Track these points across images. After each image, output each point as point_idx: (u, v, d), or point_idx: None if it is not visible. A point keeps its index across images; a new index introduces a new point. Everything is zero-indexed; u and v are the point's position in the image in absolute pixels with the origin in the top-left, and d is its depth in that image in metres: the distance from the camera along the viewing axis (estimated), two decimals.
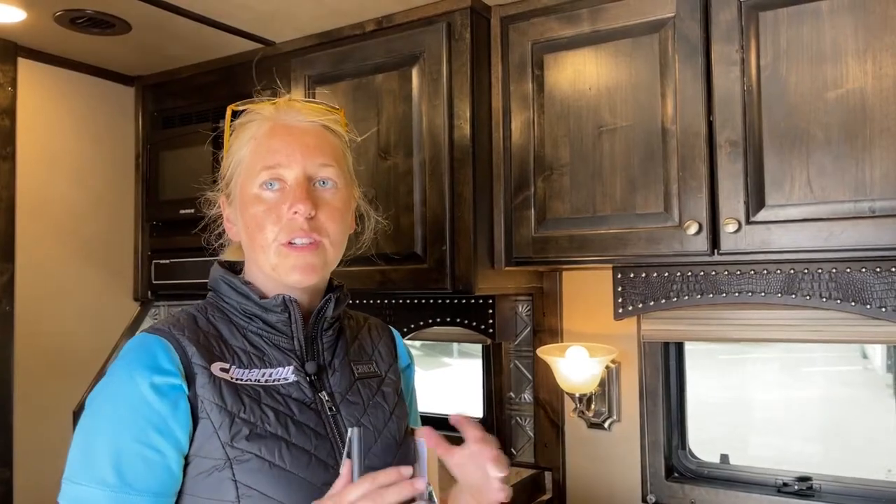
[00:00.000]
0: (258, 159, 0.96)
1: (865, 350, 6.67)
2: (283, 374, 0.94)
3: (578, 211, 1.62)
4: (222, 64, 2.16)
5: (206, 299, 1.02)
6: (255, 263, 0.99)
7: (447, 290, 1.67)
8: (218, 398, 0.88)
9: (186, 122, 2.24)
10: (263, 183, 0.95)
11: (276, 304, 0.96)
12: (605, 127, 1.59)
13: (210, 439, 0.86)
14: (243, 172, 0.98)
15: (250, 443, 0.87)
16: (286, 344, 0.97)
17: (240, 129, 1.01)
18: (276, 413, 0.91)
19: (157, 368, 0.87)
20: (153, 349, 0.89)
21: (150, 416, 0.85)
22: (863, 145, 1.34)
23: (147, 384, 0.86)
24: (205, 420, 0.87)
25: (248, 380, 0.92)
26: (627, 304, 1.77)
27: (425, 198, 1.70)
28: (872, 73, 1.33)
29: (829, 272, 1.54)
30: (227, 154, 1.02)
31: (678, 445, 1.87)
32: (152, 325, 0.95)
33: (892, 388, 6.59)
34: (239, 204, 0.99)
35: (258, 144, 0.97)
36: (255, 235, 0.95)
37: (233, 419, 0.88)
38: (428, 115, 1.71)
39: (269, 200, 0.95)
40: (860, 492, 1.64)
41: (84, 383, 2.21)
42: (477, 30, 1.71)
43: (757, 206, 1.43)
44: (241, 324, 0.97)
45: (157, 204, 2.29)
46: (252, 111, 1.01)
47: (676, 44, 1.51)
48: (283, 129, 0.98)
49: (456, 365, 7.52)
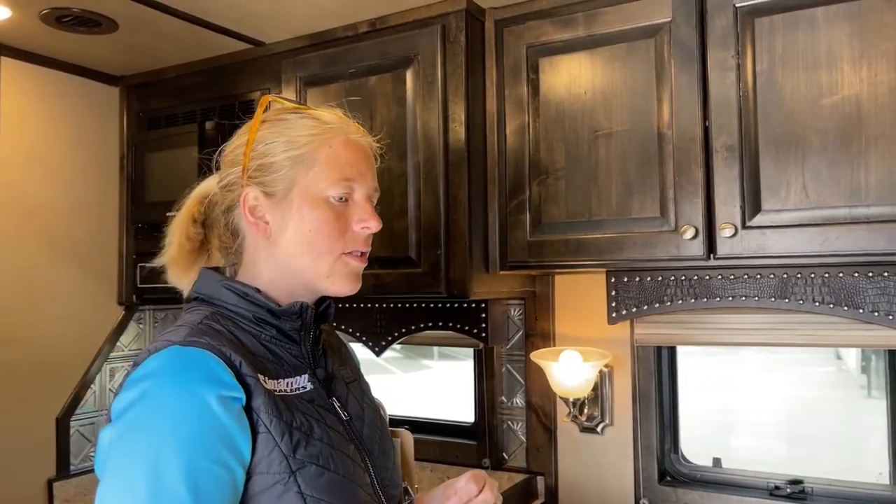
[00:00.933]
0: (335, 167, 0.96)
1: (839, 352, 6.77)
2: (301, 383, 0.93)
3: (574, 215, 1.61)
4: (210, 64, 2.13)
5: (199, 308, 0.94)
6: (286, 268, 0.96)
7: (442, 295, 1.66)
8: (274, 410, 0.85)
9: (173, 124, 2.21)
10: (338, 192, 0.95)
11: (293, 311, 0.95)
12: (601, 131, 1.59)
13: (272, 453, 0.83)
14: (312, 174, 0.95)
15: (309, 453, 0.86)
16: (296, 352, 0.96)
17: (290, 124, 0.97)
18: (315, 421, 0.90)
19: (219, 381, 0.82)
20: (206, 361, 0.83)
21: (220, 432, 0.80)
22: (858, 151, 1.35)
23: (214, 397, 0.80)
24: (264, 434, 0.84)
25: (281, 390, 0.90)
26: (621, 308, 1.77)
27: (419, 201, 1.69)
28: (868, 80, 1.34)
29: (821, 277, 1.55)
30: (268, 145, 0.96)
31: (670, 449, 1.87)
32: (174, 338, 0.85)
33: (866, 388, 6.70)
34: (298, 202, 0.95)
35: (335, 153, 0.96)
36: (315, 239, 0.94)
37: (290, 431, 0.85)
38: (422, 117, 1.70)
39: (337, 210, 0.96)
40: (852, 495, 1.66)
41: (68, 388, 2.16)
42: (472, 32, 1.70)
43: (753, 211, 1.43)
44: (253, 332, 0.94)
45: (142, 206, 2.25)
46: (305, 112, 0.99)
47: (672, 49, 1.52)
48: (357, 146, 0.99)
49: (436, 367, 7.51)
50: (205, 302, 0.96)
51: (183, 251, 1.04)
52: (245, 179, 0.96)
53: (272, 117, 0.99)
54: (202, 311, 0.93)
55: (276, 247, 0.96)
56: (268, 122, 0.98)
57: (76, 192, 2.20)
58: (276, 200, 0.95)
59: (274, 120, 0.98)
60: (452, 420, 2.18)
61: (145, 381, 0.81)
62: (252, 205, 0.96)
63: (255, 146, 0.97)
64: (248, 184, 0.96)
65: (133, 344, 2.36)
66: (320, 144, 0.96)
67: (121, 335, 2.32)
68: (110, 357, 2.29)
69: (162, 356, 0.83)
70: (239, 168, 0.98)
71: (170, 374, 0.81)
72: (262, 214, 0.96)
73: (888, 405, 1.67)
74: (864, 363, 6.97)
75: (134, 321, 2.37)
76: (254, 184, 0.96)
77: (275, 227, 0.96)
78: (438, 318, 2.02)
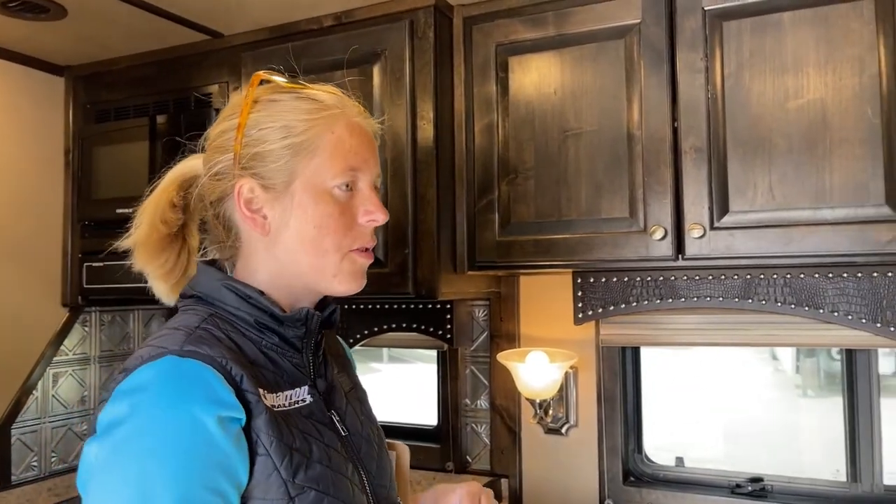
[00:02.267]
0: (339, 156, 0.88)
1: (775, 352, 7.00)
2: (300, 395, 0.86)
3: (543, 215, 1.60)
4: (165, 55, 2.05)
5: (195, 308, 0.87)
6: (288, 268, 0.89)
7: (409, 295, 1.62)
8: (274, 430, 0.78)
9: (123, 117, 2.11)
10: (342, 183, 0.88)
11: (298, 317, 0.88)
12: (571, 131, 1.58)
13: (270, 478, 0.76)
14: (315, 164, 0.87)
15: (309, 477, 0.79)
16: (297, 360, 0.89)
17: (282, 107, 0.88)
18: (314, 440, 0.83)
19: (218, 400, 0.74)
20: (204, 376, 0.75)
21: (217, 458, 0.73)
22: (823, 154, 1.37)
23: (213, 420, 0.72)
24: (263, 457, 0.77)
25: (280, 405, 0.82)
26: (587, 308, 1.77)
27: (387, 200, 1.65)
28: (832, 85, 1.37)
29: (784, 277, 1.58)
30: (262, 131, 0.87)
31: (634, 449, 1.88)
32: (169, 345, 0.78)
33: (801, 388, 6.95)
34: (300, 195, 0.87)
35: (338, 139, 0.88)
36: (320, 236, 0.87)
37: (291, 453, 0.78)
38: (390, 114, 1.66)
39: (342, 202, 0.89)
40: (810, 492, 1.69)
41: (8, 395, 2.04)
42: (440, 29, 1.68)
43: (721, 212, 1.45)
44: (253, 338, 0.86)
45: (89, 203, 2.14)
46: (301, 91, 0.90)
47: (642, 50, 1.52)
48: (360, 131, 0.92)
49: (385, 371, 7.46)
50: (202, 301, 0.88)
51: (155, 235, 0.93)
52: (238, 169, 0.88)
53: (264, 97, 0.89)
54: (199, 312, 0.86)
55: (277, 244, 0.88)
56: (260, 102, 0.89)
57: (17, 188, 2.08)
58: (276, 193, 0.87)
59: (266, 101, 0.89)
60: (415, 423, 2.15)
61: (137, 395, 0.73)
62: (248, 198, 0.87)
63: (248, 131, 0.87)
64: (241, 174, 0.87)
65: (78, 348, 2.24)
66: (322, 130, 0.88)
67: (65, 338, 2.20)
68: (54, 361, 2.17)
69: (156, 367, 0.75)
70: (230, 156, 0.88)
71: (165, 390, 0.73)
72: (260, 208, 0.88)
73: (844, 404, 1.72)
74: (799, 364, 7.23)
75: (79, 324, 2.25)
76: (248, 175, 0.87)
77: (274, 224, 0.88)
78: (402, 319, 1.99)
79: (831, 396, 5.95)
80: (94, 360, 2.30)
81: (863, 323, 1.52)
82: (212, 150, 0.92)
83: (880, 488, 1.64)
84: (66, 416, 2.21)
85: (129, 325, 2.43)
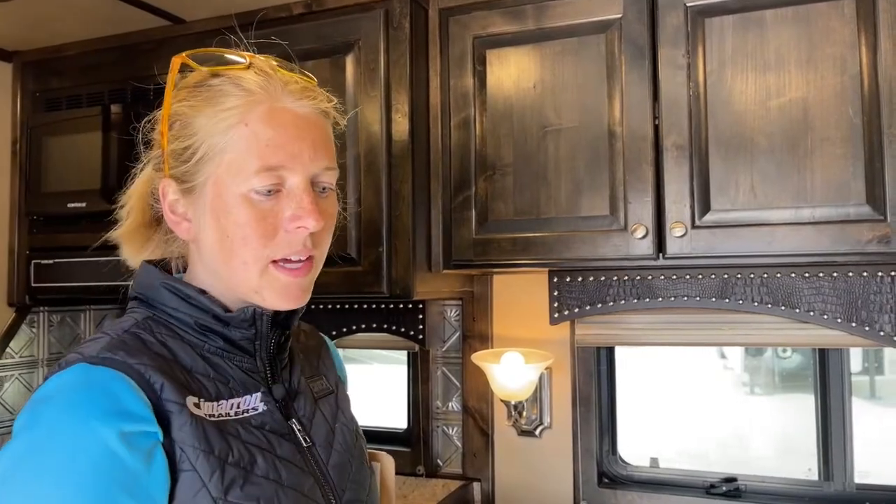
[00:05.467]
0: (253, 154, 0.75)
1: (723, 351, 7.16)
2: (251, 403, 0.78)
3: (522, 213, 1.56)
4: (120, 42, 1.94)
5: (136, 311, 0.81)
6: (217, 275, 0.80)
7: (384, 295, 1.57)
8: (202, 442, 0.70)
9: (75, 105, 1.99)
10: (260, 186, 0.75)
11: (244, 318, 0.79)
12: (550, 127, 1.55)
13: (197, 496, 0.69)
14: (225, 163, 0.76)
15: (246, 494, 0.71)
16: (249, 365, 0.81)
17: (206, 94, 0.78)
18: (261, 452, 0.75)
19: (123, 413, 0.67)
20: (111, 387, 0.68)
21: (120, 478, 0.65)
22: (804, 153, 1.37)
23: (114, 435, 0.65)
24: (188, 472, 0.69)
25: (220, 414, 0.75)
26: (563, 308, 1.74)
27: (360, 196, 1.59)
28: (814, 83, 1.36)
29: (760, 277, 1.58)
30: (183, 124, 0.78)
31: (609, 451, 1.86)
32: (86, 351, 0.72)
33: (749, 386, 7.12)
34: (213, 200, 0.77)
35: (252, 133, 0.75)
36: (235, 247, 0.76)
37: (223, 467, 0.71)
38: (363, 107, 1.60)
39: (262, 207, 0.76)
40: (783, 491, 1.69)
41: None
42: (416, 20, 1.62)
43: (702, 211, 1.43)
44: (194, 342, 0.79)
45: (38, 196, 2.01)
46: (224, 74, 0.78)
47: (623, 45, 1.50)
48: (285, 117, 0.77)
49: None
50: (143, 303, 0.81)
51: (137, 225, 0.87)
52: (165, 168, 0.80)
53: (190, 84, 0.80)
54: (136, 315, 0.79)
55: (201, 251, 0.81)
56: (185, 90, 0.79)
57: None
58: (194, 197, 0.78)
59: (191, 88, 0.79)
60: (384, 427, 2.09)
61: (41, 405, 0.67)
62: (171, 199, 0.80)
63: (172, 124, 0.79)
64: (166, 174, 0.80)
65: (25, 350, 2.12)
66: (235, 122, 0.75)
67: (10, 340, 2.07)
68: None
69: (65, 376, 0.69)
70: (159, 152, 0.81)
71: (66, 402, 0.67)
72: (184, 212, 0.80)
73: (817, 403, 1.72)
74: (747, 362, 7.41)
75: (26, 324, 2.12)
76: (171, 175, 0.79)
77: (195, 228, 0.80)
78: (372, 319, 1.93)
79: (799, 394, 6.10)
80: (42, 363, 2.18)
81: (838, 322, 1.52)
82: (152, 144, 0.84)
83: (852, 487, 1.65)
84: (11, 421, 2.08)
85: (80, 325, 2.31)
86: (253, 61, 0.80)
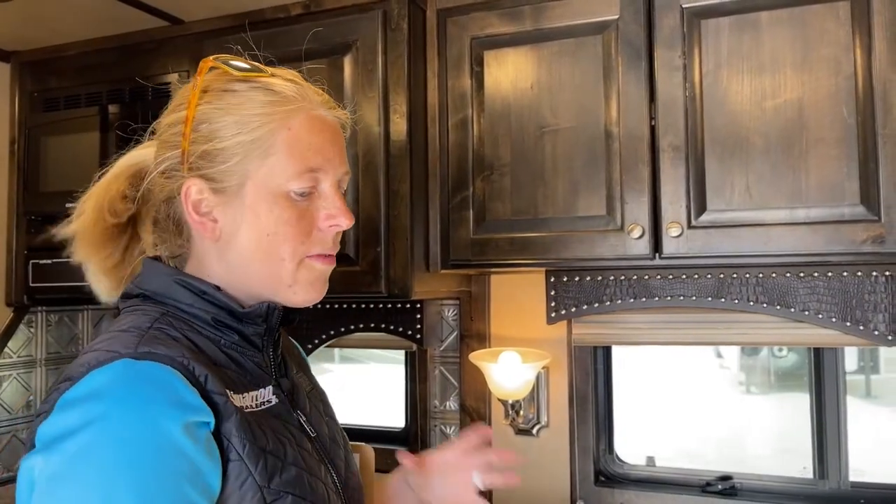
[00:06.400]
0: (297, 155, 0.80)
1: (719, 350, 7.19)
2: (266, 396, 0.81)
3: (519, 213, 1.57)
4: (119, 42, 1.94)
5: (144, 308, 0.80)
6: (245, 272, 0.82)
7: (382, 295, 1.57)
8: (246, 433, 0.73)
9: (74, 105, 2.00)
10: (301, 186, 0.81)
11: (258, 313, 0.82)
12: (548, 128, 1.56)
13: (245, 484, 0.71)
14: (269, 164, 0.80)
15: (284, 481, 0.74)
16: (258, 359, 0.84)
17: (236, 99, 0.80)
18: (287, 441, 0.78)
19: (182, 404, 0.68)
20: (166, 379, 0.69)
21: (186, 469, 0.67)
22: (799, 154, 1.38)
23: (179, 428, 0.67)
24: (236, 462, 0.72)
25: (247, 406, 0.77)
26: (560, 308, 1.75)
27: (358, 196, 1.60)
28: (809, 85, 1.37)
29: (756, 277, 1.59)
30: (214, 127, 0.80)
31: (606, 450, 1.87)
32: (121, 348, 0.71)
33: (745, 385, 7.15)
34: (253, 199, 0.80)
35: (295, 136, 0.80)
36: (276, 244, 0.80)
37: (265, 456, 0.74)
38: (361, 107, 1.61)
39: (300, 207, 0.82)
40: (778, 489, 1.71)
41: None
42: (414, 21, 1.63)
43: (698, 211, 1.44)
44: (212, 337, 0.80)
45: (36, 196, 2.03)
46: (253, 80, 0.81)
47: (620, 46, 1.50)
48: (323, 125, 0.83)
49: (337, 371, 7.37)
50: (150, 300, 0.82)
51: (101, 225, 0.86)
52: (186, 169, 0.81)
53: (216, 87, 0.82)
54: (149, 311, 0.79)
55: (228, 251, 0.82)
56: (210, 92, 0.81)
57: None
58: (227, 197, 0.80)
59: (218, 91, 0.81)
60: (382, 426, 2.10)
61: (89, 403, 0.66)
62: (196, 200, 0.81)
63: (197, 126, 0.80)
64: (190, 174, 0.81)
65: (23, 350, 2.12)
66: (278, 126, 0.80)
67: (8, 340, 2.08)
68: None
69: (110, 371, 0.68)
70: (178, 153, 0.82)
71: (123, 397, 0.67)
72: (209, 212, 0.81)
73: (812, 402, 1.74)
74: (743, 361, 7.43)
75: (24, 324, 2.13)
76: (197, 175, 0.80)
77: (225, 229, 0.81)
78: (370, 319, 1.93)
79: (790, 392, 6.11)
80: (40, 363, 2.18)
81: (833, 322, 1.54)
82: (160, 144, 0.85)
83: (847, 485, 1.66)
84: (10, 421, 2.09)
85: (78, 325, 2.31)
86: (275, 70, 0.85)
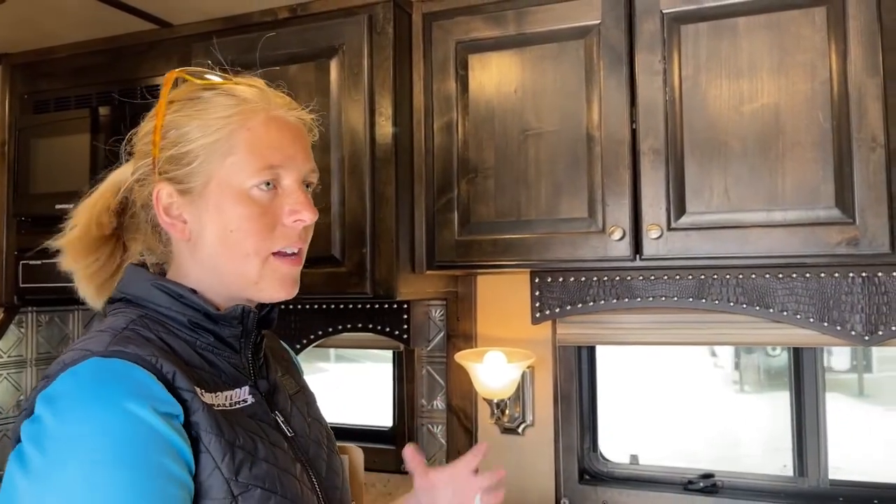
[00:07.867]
0: (256, 153, 0.84)
1: (714, 349, 7.23)
2: (241, 396, 0.84)
3: (503, 215, 1.59)
4: (108, 45, 1.96)
5: (124, 311, 0.84)
6: (215, 271, 0.86)
7: (367, 295, 1.59)
8: (214, 427, 0.76)
9: (64, 108, 2.02)
10: (261, 182, 0.84)
11: (233, 315, 0.85)
12: (531, 131, 1.58)
13: (212, 476, 0.74)
14: (228, 163, 0.83)
15: (253, 474, 0.77)
16: (235, 361, 0.87)
17: (201, 105, 0.85)
18: (259, 439, 0.81)
19: (152, 396, 0.71)
20: (132, 374, 0.72)
21: (162, 445, 0.70)
22: (776, 157, 1.40)
23: (148, 411, 0.70)
24: (205, 454, 0.75)
25: (219, 404, 0.80)
26: (545, 308, 1.78)
27: (344, 198, 1.62)
28: (785, 89, 1.40)
29: (736, 278, 1.61)
30: (180, 133, 0.85)
31: (590, 448, 1.89)
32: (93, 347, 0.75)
33: (739, 384, 7.19)
34: (216, 198, 0.84)
35: (254, 136, 0.84)
36: (239, 240, 0.83)
37: (233, 450, 0.76)
38: (347, 110, 1.63)
39: (262, 203, 0.84)
40: (759, 487, 1.73)
41: None
42: (399, 24, 1.65)
43: (678, 213, 1.46)
44: (187, 338, 0.84)
45: (26, 197, 2.04)
46: (217, 87, 0.87)
47: (602, 51, 1.53)
48: (282, 125, 0.87)
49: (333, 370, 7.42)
50: (131, 304, 0.85)
51: (88, 237, 0.90)
52: (156, 174, 0.86)
53: (182, 96, 0.87)
54: (127, 314, 0.83)
55: (198, 249, 0.86)
56: (177, 102, 0.87)
57: None
58: (193, 197, 0.85)
59: (184, 100, 0.87)
60: (369, 425, 2.12)
61: (62, 400, 0.70)
62: (166, 203, 0.86)
63: (165, 133, 0.85)
64: (159, 179, 0.85)
65: (14, 350, 2.13)
66: (237, 127, 0.84)
67: None
68: None
69: (81, 370, 0.72)
70: (149, 160, 0.87)
71: (92, 390, 0.70)
72: (179, 213, 0.86)
73: (791, 401, 1.76)
74: (737, 360, 7.48)
75: (14, 324, 2.14)
76: (166, 179, 0.85)
77: (193, 228, 0.86)
78: (358, 319, 1.96)
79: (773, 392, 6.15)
80: (31, 363, 2.20)
81: (810, 322, 1.56)
82: (136, 154, 0.90)
83: (826, 483, 1.69)
84: (2, 421, 2.10)
85: (68, 325, 2.32)
86: (251, 80, 0.89)
